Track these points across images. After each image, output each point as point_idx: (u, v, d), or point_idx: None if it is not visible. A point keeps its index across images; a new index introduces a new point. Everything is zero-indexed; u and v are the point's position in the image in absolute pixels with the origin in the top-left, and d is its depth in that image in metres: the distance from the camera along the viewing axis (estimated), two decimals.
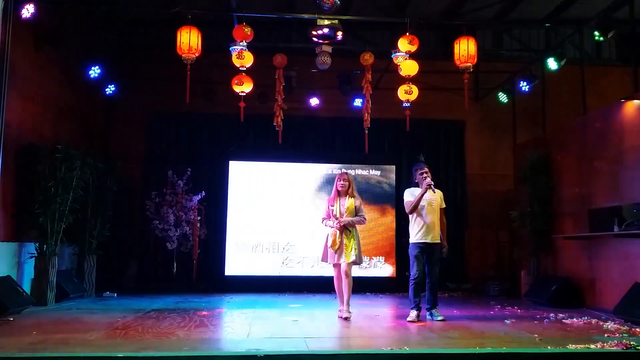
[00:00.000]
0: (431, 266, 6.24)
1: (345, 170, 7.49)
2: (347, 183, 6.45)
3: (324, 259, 6.47)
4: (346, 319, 6.23)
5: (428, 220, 6.23)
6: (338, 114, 10.90)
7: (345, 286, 6.33)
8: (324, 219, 6.48)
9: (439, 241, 6.30)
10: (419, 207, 6.26)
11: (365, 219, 6.49)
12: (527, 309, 7.38)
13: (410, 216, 6.38)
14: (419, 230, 6.25)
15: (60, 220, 7.38)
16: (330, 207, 6.41)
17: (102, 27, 10.05)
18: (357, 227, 6.48)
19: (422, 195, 6.21)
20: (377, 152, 10.90)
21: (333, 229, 6.30)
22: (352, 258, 6.27)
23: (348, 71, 9.87)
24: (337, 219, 6.31)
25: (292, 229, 10.02)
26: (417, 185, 6.43)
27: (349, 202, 6.39)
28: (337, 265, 6.39)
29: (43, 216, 7.18)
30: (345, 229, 6.32)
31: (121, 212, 9.66)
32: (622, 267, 6.83)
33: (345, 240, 6.29)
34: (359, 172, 10.36)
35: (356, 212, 6.40)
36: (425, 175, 6.30)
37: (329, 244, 6.32)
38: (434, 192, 6.27)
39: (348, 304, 6.34)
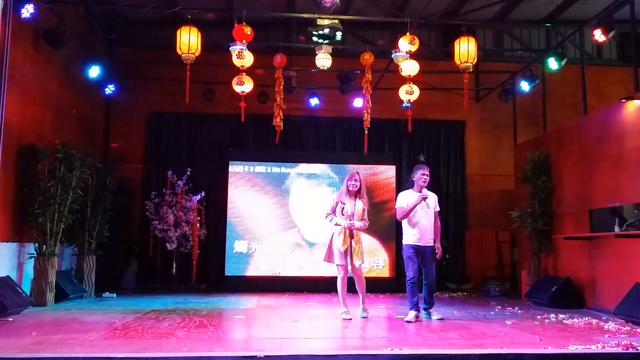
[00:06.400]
0: (427, 267, 6.20)
1: (357, 171, 6.86)
2: (358, 184, 6.27)
3: (329, 259, 6.29)
4: (364, 317, 6.30)
5: (421, 223, 6.17)
6: (338, 114, 10.90)
7: (360, 287, 6.36)
8: (328, 214, 6.29)
9: (432, 244, 6.24)
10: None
11: (368, 223, 6.35)
12: (527, 310, 7.36)
13: None
14: (413, 234, 6.20)
15: (60, 220, 7.36)
16: (341, 205, 6.23)
17: (102, 27, 10.05)
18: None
19: (415, 206, 6.13)
20: (377, 152, 10.92)
21: (341, 227, 6.17)
22: (361, 260, 6.26)
23: (348, 71, 9.86)
24: (349, 219, 6.17)
25: (292, 229, 10.02)
26: (412, 185, 6.35)
27: (359, 205, 6.25)
28: (342, 267, 6.24)
29: (42, 216, 7.17)
30: (353, 231, 6.22)
31: (121, 212, 9.64)
32: (622, 268, 6.81)
33: (353, 243, 6.20)
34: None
35: (362, 215, 6.29)
36: (425, 178, 6.22)
37: (339, 244, 6.16)
38: (427, 198, 6.20)
39: (365, 303, 6.42)
